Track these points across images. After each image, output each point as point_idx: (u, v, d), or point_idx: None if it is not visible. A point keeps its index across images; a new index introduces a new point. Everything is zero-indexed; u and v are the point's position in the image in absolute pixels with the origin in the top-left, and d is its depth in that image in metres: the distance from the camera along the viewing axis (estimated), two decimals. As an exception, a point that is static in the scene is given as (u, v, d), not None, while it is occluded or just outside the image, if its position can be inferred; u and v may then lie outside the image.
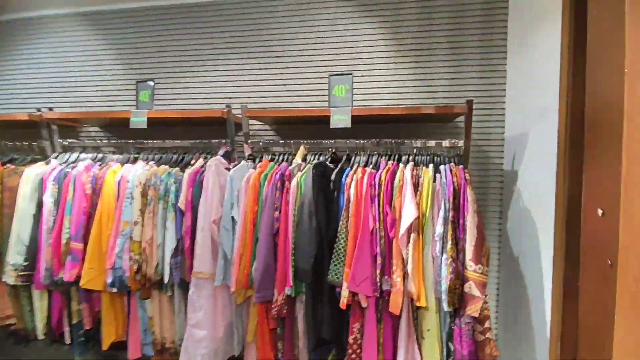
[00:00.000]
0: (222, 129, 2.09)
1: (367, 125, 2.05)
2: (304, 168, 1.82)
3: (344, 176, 1.73)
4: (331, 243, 1.68)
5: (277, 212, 1.70)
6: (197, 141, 2.06)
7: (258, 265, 1.66)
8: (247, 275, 1.70)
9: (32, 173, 1.98)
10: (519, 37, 1.87)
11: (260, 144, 2.00)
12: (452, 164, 1.70)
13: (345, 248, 1.63)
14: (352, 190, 1.67)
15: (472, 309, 1.48)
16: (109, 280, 1.78)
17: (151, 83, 2.00)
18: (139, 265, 1.80)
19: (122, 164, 2.00)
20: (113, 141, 2.29)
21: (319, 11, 2.17)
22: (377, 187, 1.65)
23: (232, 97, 2.27)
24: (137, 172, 1.87)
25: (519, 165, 1.83)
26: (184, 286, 1.82)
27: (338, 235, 1.64)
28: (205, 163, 1.93)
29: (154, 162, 2.00)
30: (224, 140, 2.00)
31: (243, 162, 1.88)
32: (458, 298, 1.54)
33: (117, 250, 1.77)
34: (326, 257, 1.65)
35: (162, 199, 1.81)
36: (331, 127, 1.76)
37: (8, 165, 2.11)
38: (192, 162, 2.00)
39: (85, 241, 1.86)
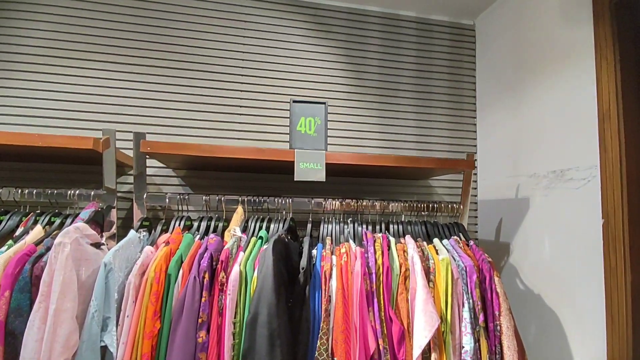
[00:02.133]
0: (87, 170, 1.21)
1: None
2: (247, 244, 1.09)
3: (316, 259, 1.08)
4: (299, 379, 0.97)
5: (202, 333, 0.91)
6: (34, 190, 1.10)
7: None
8: None
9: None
10: (496, 93, 1.65)
11: (167, 199, 1.16)
12: (456, 237, 1.25)
13: (327, 389, 0.94)
14: (335, 284, 1.03)
15: None
16: None
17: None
18: None
19: None
20: None
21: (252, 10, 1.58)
22: (374, 276, 1.05)
23: (111, 114, 1.41)
24: None
25: (507, 236, 1.50)
26: None
27: (315, 366, 0.94)
28: (49, 235, 1.01)
29: None
30: (91, 192, 1.12)
31: (132, 232, 1.04)
32: None
33: None
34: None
35: None
36: (296, 179, 1.12)
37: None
38: (18, 230, 1.04)
39: None
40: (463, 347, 1.03)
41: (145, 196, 1.14)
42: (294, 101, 1.18)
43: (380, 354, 0.97)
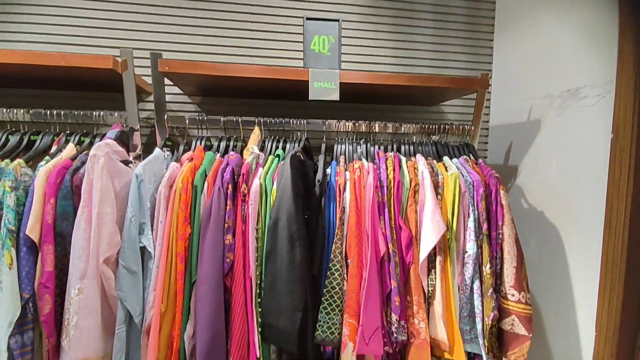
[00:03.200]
0: (107, 97, 1.25)
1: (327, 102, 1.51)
2: (265, 161, 1.16)
3: (331, 174, 1.14)
4: (315, 279, 1.08)
5: (228, 236, 1.01)
6: (62, 112, 1.16)
7: (201, 331, 0.94)
8: (177, 351, 0.96)
9: None
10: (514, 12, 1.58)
11: (187, 120, 1.21)
12: (465, 156, 1.29)
13: (341, 286, 1.05)
14: (349, 196, 1.10)
15: (517, 354, 1.09)
16: None
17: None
18: None
19: None
20: None
21: None
22: (385, 189, 1.12)
23: (127, 40, 1.41)
24: None
25: (516, 159, 1.54)
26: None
27: (331, 265, 1.05)
28: (81, 152, 1.08)
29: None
30: (115, 113, 1.17)
31: (157, 150, 1.10)
32: (496, 338, 1.14)
33: None
34: (309, 300, 1.04)
35: (-16, 221, 0.91)
36: (310, 98, 1.14)
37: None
38: (52, 149, 1.12)
39: None
40: (466, 252, 1.12)
41: (166, 117, 1.19)
42: (307, 18, 1.16)
43: (389, 256, 1.06)
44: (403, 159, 1.22)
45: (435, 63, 1.66)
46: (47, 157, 1.05)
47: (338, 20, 1.18)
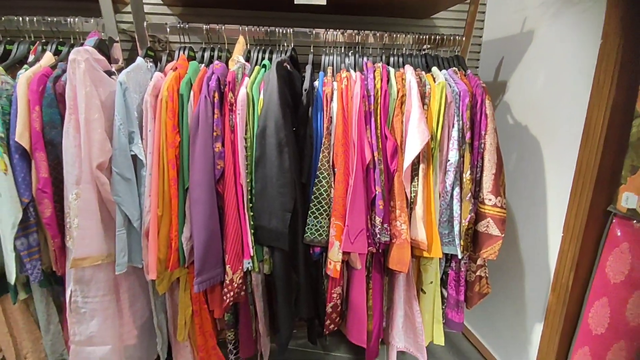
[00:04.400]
0: (82, 7, 1.18)
1: (314, 14, 1.44)
2: (251, 72, 1.14)
3: (318, 85, 1.14)
4: (304, 186, 1.13)
5: (217, 144, 1.03)
6: (35, 19, 1.10)
7: (197, 232, 1.01)
8: (176, 249, 1.04)
9: None
10: None
11: (168, 28, 1.16)
12: (454, 68, 1.28)
13: (328, 192, 1.11)
14: (336, 105, 1.11)
15: (489, 251, 1.19)
16: None
17: None
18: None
19: None
20: None
21: None
22: (372, 99, 1.13)
23: None
24: None
25: (506, 74, 1.53)
26: (52, 283, 1.05)
27: (318, 173, 1.09)
28: (60, 61, 1.05)
29: None
30: (90, 20, 1.11)
31: (140, 59, 1.07)
32: (471, 240, 1.24)
33: None
34: (298, 205, 1.10)
35: (-29, 128, 0.91)
36: (296, 1, 1.09)
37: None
38: (30, 58, 1.08)
39: None
40: (449, 160, 1.17)
41: (145, 25, 1.14)
42: None
43: (375, 164, 1.10)
44: (392, 70, 1.21)
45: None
46: (25, 66, 1.02)
47: None
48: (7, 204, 0.91)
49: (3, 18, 1.08)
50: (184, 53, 1.15)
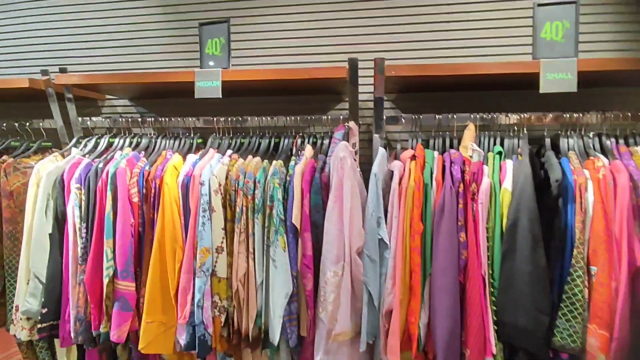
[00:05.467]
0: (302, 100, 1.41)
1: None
2: (485, 159, 1.15)
3: (566, 173, 1.07)
4: (551, 283, 1.04)
5: (462, 234, 1.04)
6: (293, 118, 1.35)
7: (441, 320, 1.01)
8: (415, 333, 1.05)
9: (44, 170, 1.27)
10: None
11: (403, 119, 1.28)
12: None
13: (583, 294, 0.99)
14: (591, 198, 1.01)
15: None
16: (183, 341, 1.13)
17: (225, 26, 1.26)
18: (227, 316, 1.15)
19: (183, 155, 1.31)
20: (153, 118, 1.52)
21: None
22: (639, 191, 1.00)
23: (339, 46, 1.55)
24: (214, 167, 1.18)
25: None
26: (297, 347, 1.18)
27: (572, 271, 0.99)
28: (318, 153, 1.25)
29: (231, 151, 1.30)
30: (341, 116, 1.31)
31: (381, 150, 1.19)
32: None
33: (195, 294, 1.11)
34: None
35: (260, 211, 1.13)
36: (542, 91, 1.08)
37: (4, 157, 1.40)
38: (292, 150, 1.32)
39: (137, 278, 1.19)
40: None
41: (385, 118, 1.27)
42: (539, 5, 1.08)
43: (647, 266, 0.95)
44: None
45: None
46: (293, 158, 1.24)
47: (575, 2, 1.07)
48: (282, 276, 1.08)
49: (275, 118, 1.35)
50: (418, 141, 1.23)
